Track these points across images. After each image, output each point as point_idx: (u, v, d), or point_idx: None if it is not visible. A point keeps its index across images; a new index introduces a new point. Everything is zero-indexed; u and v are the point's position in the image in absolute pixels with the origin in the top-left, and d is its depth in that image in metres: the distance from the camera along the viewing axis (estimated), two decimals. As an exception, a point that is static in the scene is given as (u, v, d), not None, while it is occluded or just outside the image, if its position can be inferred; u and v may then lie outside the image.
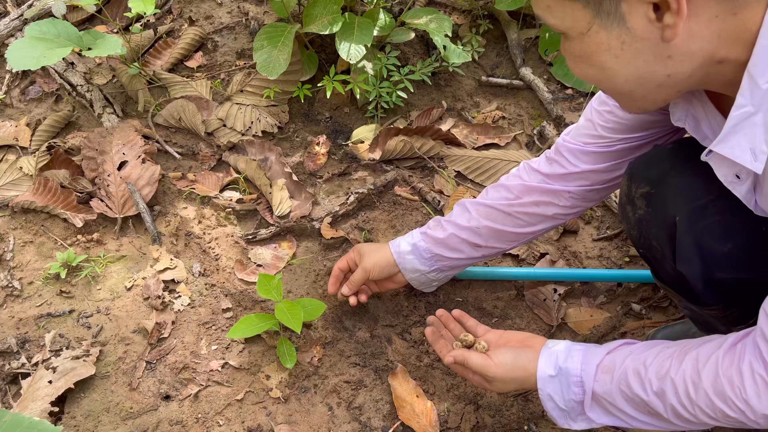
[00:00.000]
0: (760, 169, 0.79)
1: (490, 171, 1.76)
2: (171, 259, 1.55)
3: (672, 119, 0.96)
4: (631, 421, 0.98)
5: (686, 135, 1.01)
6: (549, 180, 1.25)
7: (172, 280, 1.51)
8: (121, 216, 1.62)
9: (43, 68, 1.96)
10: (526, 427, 1.30)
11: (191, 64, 2.01)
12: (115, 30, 2.02)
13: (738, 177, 0.84)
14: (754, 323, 0.87)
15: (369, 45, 1.72)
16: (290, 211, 1.67)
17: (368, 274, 1.36)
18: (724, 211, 0.91)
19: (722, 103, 0.88)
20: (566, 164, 1.22)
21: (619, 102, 0.92)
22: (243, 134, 1.84)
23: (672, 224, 1.00)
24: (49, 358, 1.35)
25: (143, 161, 1.69)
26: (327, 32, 1.70)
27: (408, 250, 1.34)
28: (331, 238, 1.60)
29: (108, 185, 1.66)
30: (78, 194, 1.66)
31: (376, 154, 1.81)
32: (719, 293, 0.98)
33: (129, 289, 1.50)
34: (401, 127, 1.84)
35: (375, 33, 1.76)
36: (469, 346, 1.18)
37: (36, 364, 1.35)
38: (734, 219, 0.93)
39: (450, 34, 1.82)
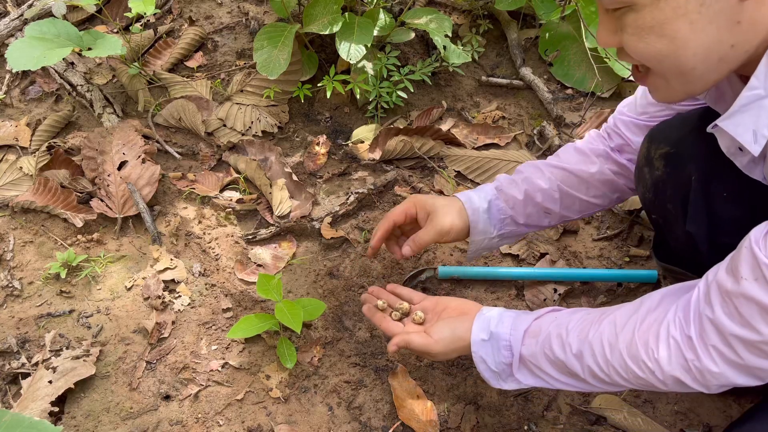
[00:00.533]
0: (757, 152, 0.81)
1: (491, 171, 1.76)
2: (171, 259, 1.55)
3: None
4: (554, 382, 1.03)
5: None
6: (614, 151, 1.24)
7: (172, 280, 1.51)
8: (121, 216, 1.62)
9: (43, 68, 1.96)
10: (526, 427, 1.29)
11: (191, 64, 2.01)
12: (115, 30, 2.02)
13: (740, 150, 0.86)
14: None
15: (369, 45, 1.72)
16: (290, 211, 1.67)
17: (443, 238, 1.22)
18: (737, 177, 0.92)
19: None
20: (625, 137, 1.22)
21: (671, 86, 0.88)
22: (243, 134, 1.84)
23: (687, 183, 1.02)
24: (49, 358, 1.35)
25: (143, 161, 1.69)
26: (327, 32, 1.70)
27: (484, 208, 1.22)
28: (331, 238, 1.60)
29: (108, 185, 1.66)
30: (78, 194, 1.66)
31: (376, 154, 1.81)
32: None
33: (129, 289, 1.50)
34: (401, 127, 1.84)
35: (375, 33, 1.76)
36: (406, 314, 1.22)
37: (36, 364, 1.35)
38: (746, 186, 0.94)
39: (450, 34, 1.82)
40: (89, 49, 1.66)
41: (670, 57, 0.81)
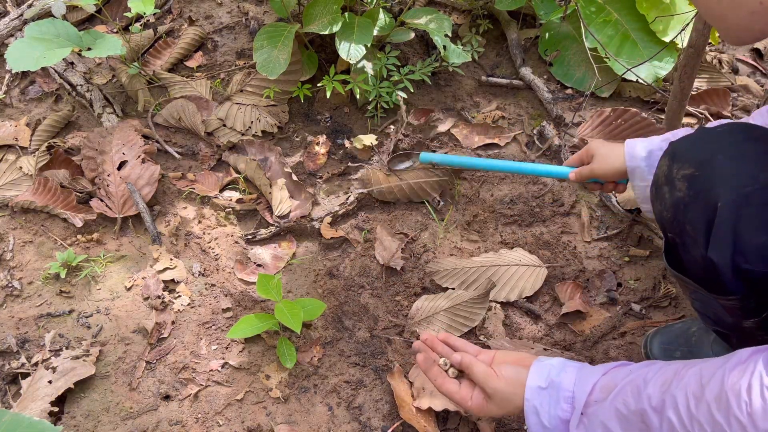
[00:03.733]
0: None
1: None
2: (171, 259, 1.55)
3: None
4: None
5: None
6: None
7: (172, 280, 1.51)
8: (121, 216, 1.62)
9: (43, 68, 1.96)
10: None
11: (191, 64, 2.01)
12: (114, 30, 2.02)
13: None
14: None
15: (369, 45, 1.72)
16: (290, 211, 1.67)
17: (600, 175, 1.36)
18: (766, 202, 0.89)
19: None
20: None
21: (717, 30, 0.88)
22: (243, 134, 1.84)
23: (712, 209, 0.97)
24: (49, 358, 1.35)
25: (143, 161, 1.69)
26: (327, 32, 1.70)
27: (642, 156, 1.28)
28: (331, 238, 1.60)
29: (108, 185, 1.66)
30: (78, 194, 1.66)
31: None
32: (744, 284, 0.96)
33: (129, 289, 1.50)
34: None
35: (375, 33, 1.76)
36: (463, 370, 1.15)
37: (36, 364, 1.35)
38: None
39: (450, 34, 1.82)
40: (89, 49, 1.66)
41: (699, 4, 0.85)
